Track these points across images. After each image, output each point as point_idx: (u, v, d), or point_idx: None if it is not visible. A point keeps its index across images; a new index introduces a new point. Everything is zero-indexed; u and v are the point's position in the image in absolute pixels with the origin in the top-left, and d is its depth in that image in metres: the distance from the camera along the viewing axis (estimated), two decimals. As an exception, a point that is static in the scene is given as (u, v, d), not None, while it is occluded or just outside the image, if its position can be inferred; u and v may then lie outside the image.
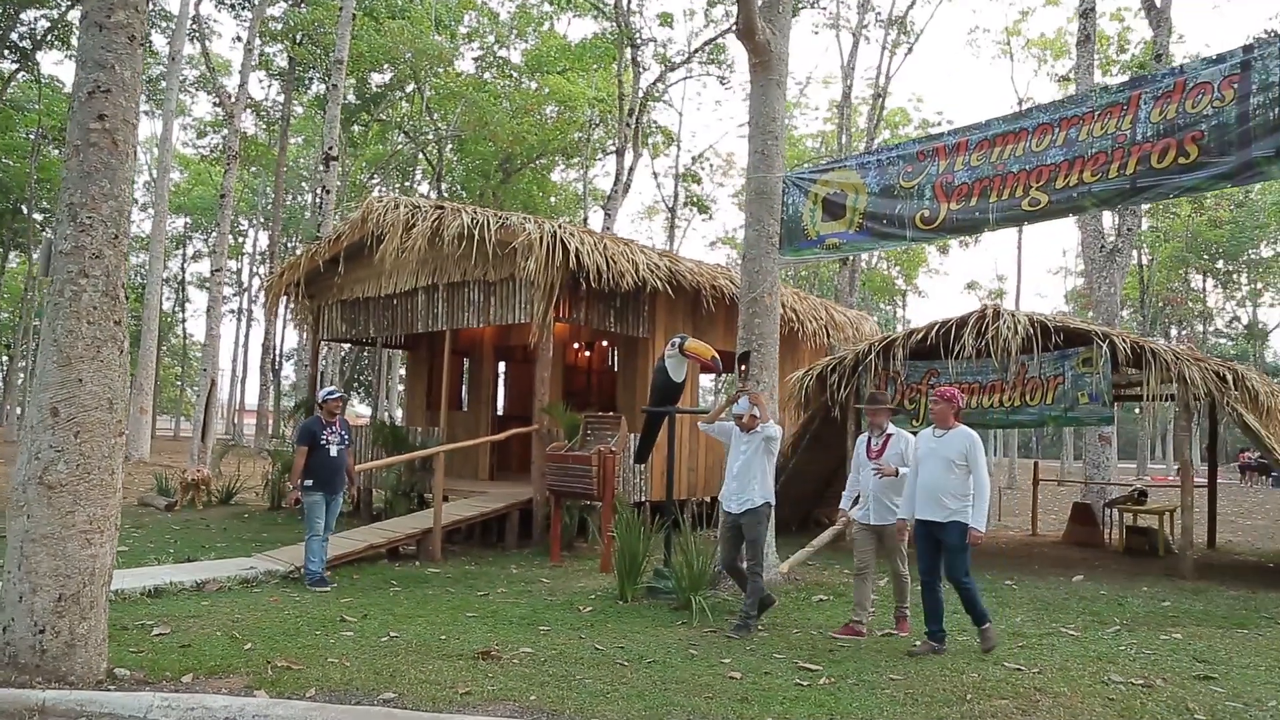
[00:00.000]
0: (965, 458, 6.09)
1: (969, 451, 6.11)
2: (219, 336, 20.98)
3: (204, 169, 43.81)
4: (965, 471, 6.09)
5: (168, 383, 56.04)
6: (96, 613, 4.76)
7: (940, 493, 6.13)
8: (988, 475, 6.16)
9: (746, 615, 6.73)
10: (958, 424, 6.29)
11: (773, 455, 7.00)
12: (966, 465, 6.08)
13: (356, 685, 4.99)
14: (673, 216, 40.33)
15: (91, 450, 4.70)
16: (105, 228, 4.79)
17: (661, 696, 5.01)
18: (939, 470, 6.16)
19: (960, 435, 6.21)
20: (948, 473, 6.13)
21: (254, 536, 11.40)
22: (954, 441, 6.18)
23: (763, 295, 8.74)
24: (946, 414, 6.30)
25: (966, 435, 6.20)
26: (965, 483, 6.10)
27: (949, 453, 6.16)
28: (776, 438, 7.02)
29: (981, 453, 6.15)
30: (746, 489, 6.88)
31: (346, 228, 13.00)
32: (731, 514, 6.98)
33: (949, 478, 6.12)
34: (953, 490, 6.10)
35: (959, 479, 6.10)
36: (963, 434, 6.21)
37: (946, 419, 6.30)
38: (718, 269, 13.25)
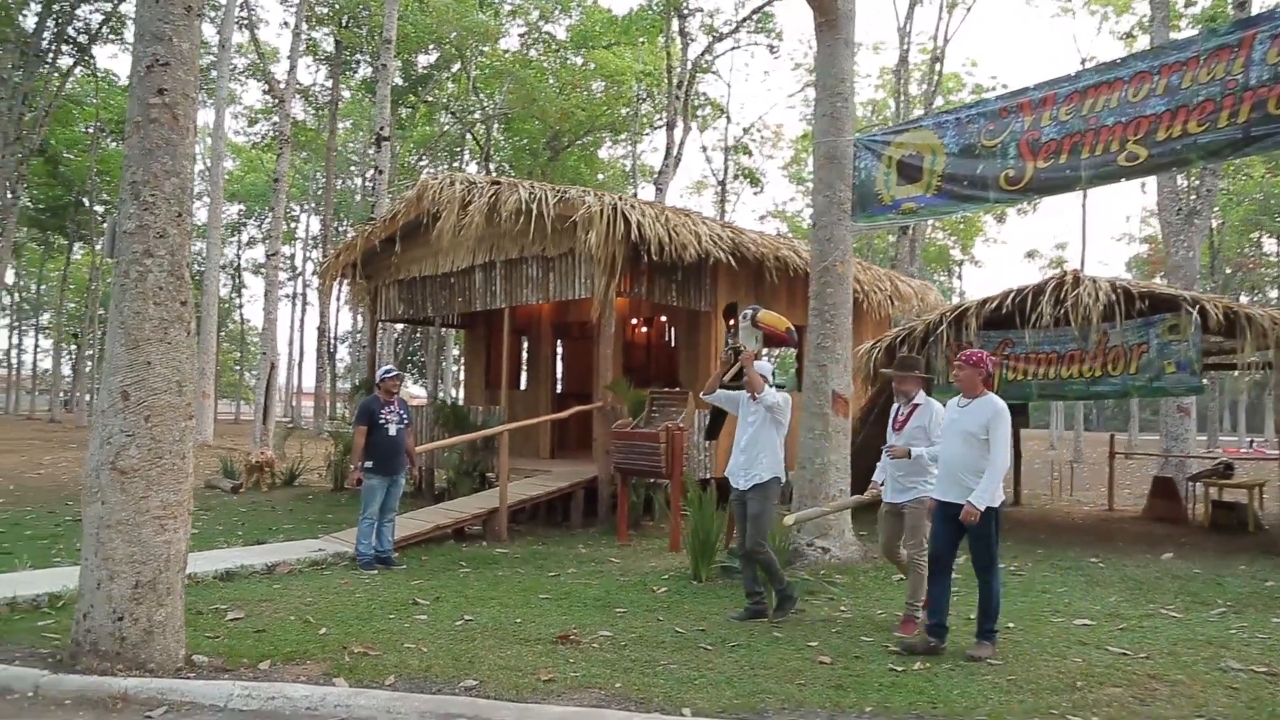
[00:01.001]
0: (987, 429, 5.38)
1: (990, 423, 5.38)
2: (276, 320, 21.13)
3: (256, 156, 44.27)
4: (988, 446, 5.40)
5: (226, 367, 57.03)
6: (173, 599, 4.67)
7: (959, 470, 5.47)
8: (1007, 452, 5.40)
9: (780, 592, 6.39)
10: (985, 392, 5.56)
11: (781, 426, 6.44)
12: (989, 439, 5.39)
13: (435, 672, 4.85)
14: (723, 190, 39.83)
15: (162, 434, 4.59)
16: (169, 205, 4.65)
17: (751, 683, 4.80)
18: (958, 444, 5.50)
19: (984, 405, 5.47)
20: (967, 447, 5.44)
21: (319, 518, 11.40)
22: (976, 412, 5.47)
23: (834, 264, 8.41)
24: (973, 380, 5.56)
25: (990, 405, 5.44)
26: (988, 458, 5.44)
27: (970, 424, 5.45)
28: (780, 405, 6.40)
29: (1004, 425, 5.40)
30: (754, 463, 6.39)
31: (402, 207, 12.88)
32: (739, 490, 6.50)
33: (969, 453, 5.43)
34: (974, 467, 5.41)
35: (980, 454, 5.41)
36: (987, 403, 5.47)
37: (973, 386, 5.56)
38: (780, 240, 12.92)
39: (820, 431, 8.40)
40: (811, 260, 8.71)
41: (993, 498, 5.37)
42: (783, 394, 6.50)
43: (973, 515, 5.27)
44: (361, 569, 8.00)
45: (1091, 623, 6.24)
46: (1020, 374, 10.99)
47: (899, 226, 23.56)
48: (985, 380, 5.58)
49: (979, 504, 5.28)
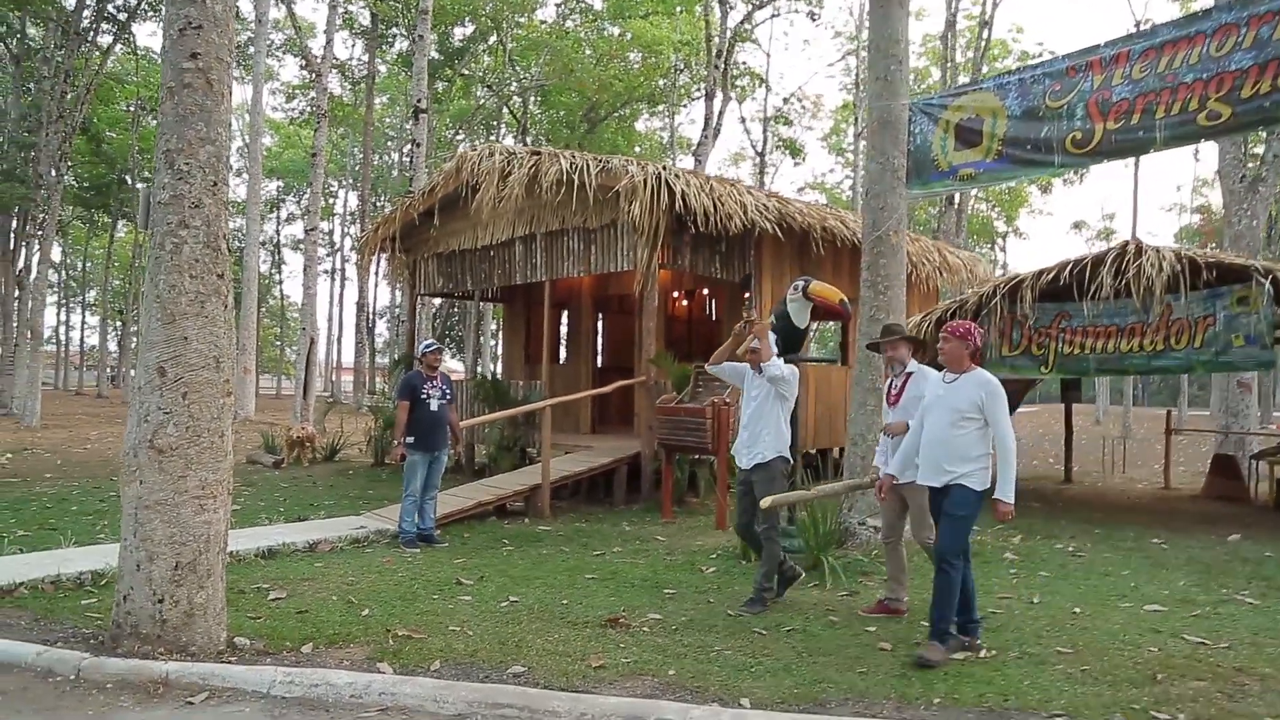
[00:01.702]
0: (979, 409, 4.89)
1: (985, 402, 4.88)
2: (315, 296, 21.13)
3: (294, 132, 44.41)
4: (976, 426, 4.91)
5: (267, 343, 57.60)
6: (214, 581, 4.54)
7: (943, 453, 4.99)
8: (1011, 432, 4.90)
9: (760, 588, 5.90)
10: (973, 366, 5.08)
11: (786, 400, 6.03)
12: (979, 418, 4.89)
13: (482, 657, 4.69)
14: (762, 161, 39.27)
15: (200, 411, 4.44)
16: (204, 174, 4.48)
17: (810, 671, 4.59)
18: (943, 424, 5.00)
19: (973, 381, 4.98)
20: (953, 428, 4.95)
21: (360, 493, 11.34)
22: (965, 388, 4.97)
23: (888, 234, 8.08)
24: (959, 354, 5.07)
25: (982, 382, 4.96)
26: (976, 441, 4.92)
27: (958, 402, 4.97)
28: (785, 378, 5.96)
29: (1002, 404, 4.91)
30: (757, 440, 6.00)
31: (441, 179, 12.70)
32: (743, 470, 6.12)
33: (954, 434, 4.94)
34: (958, 450, 4.92)
35: (967, 436, 4.92)
36: (976, 380, 4.98)
37: (959, 360, 5.07)
38: (827, 210, 12.56)
39: (873, 407, 8.11)
40: (863, 230, 8.39)
41: (985, 482, 4.94)
42: (789, 366, 6.08)
43: (1008, 514, 4.87)
44: (404, 547, 7.89)
45: (1162, 609, 5.95)
46: (1077, 348, 10.61)
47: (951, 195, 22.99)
48: (973, 354, 5.11)
49: (1008, 498, 4.85)
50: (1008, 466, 4.85)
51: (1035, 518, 9.89)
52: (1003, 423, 4.88)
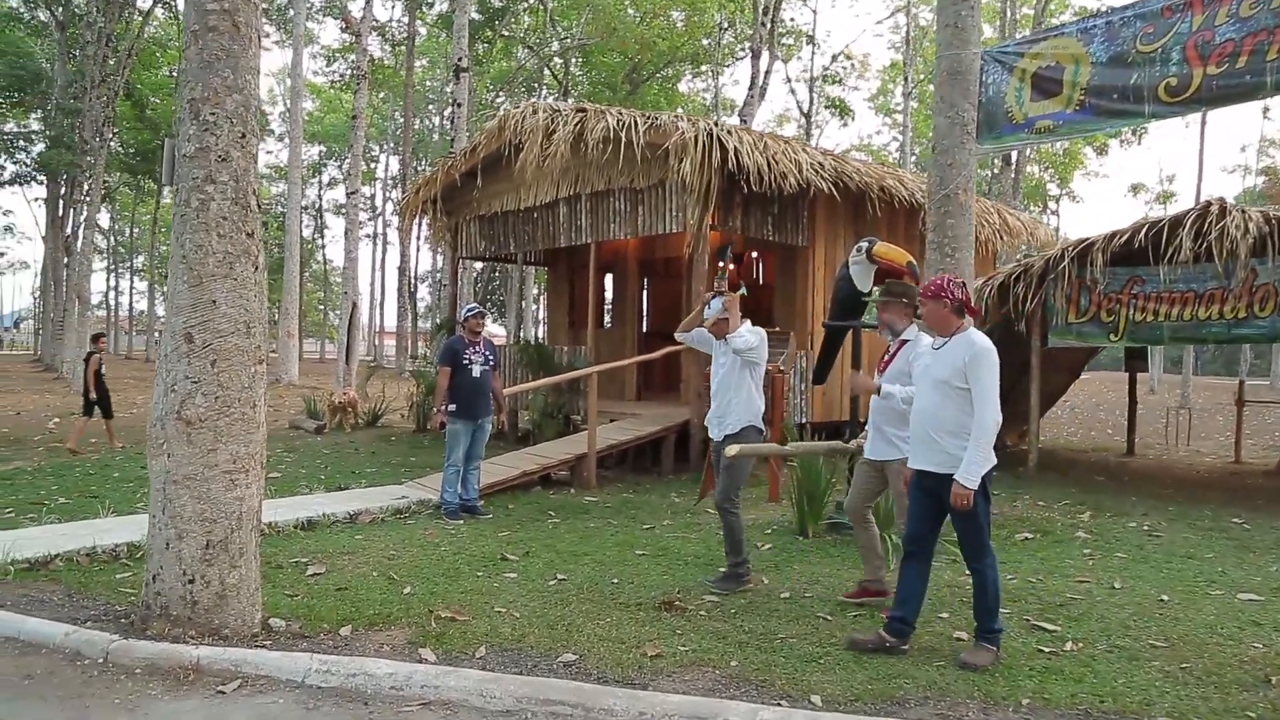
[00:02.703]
0: (965, 376, 4.23)
1: (969, 366, 4.21)
2: (357, 260, 20.96)
3: (334, 96, 44.24)
4: (967, 398, 4.25)
5: (311, 307, 58.00)
6: (247, 560, 4.28)
7: (932, 430, 4.35)
8: (995, 406, 4.20)
9: (733, 564, 5.54)
10: (964, 326, 4.38)
11: (755, 369, 5.66)
12: (968, 387, 4.22)
13: (530, 642, 4.40)
14: (808, 123, 38.38)
15: (230, 380, 4.15)
16: (231, 125, 4.16)
17: (882, 663, 4.23)
18: (931, 396, 4.39)
19: (959, 345, 4.30)
20: (942, 400, 4.31)
21: (402, 460, 11.14)
22: (950, 354, 4.32)
23: (957, 192, 7.59)
24: (942, 316, 4.37)
25: (968, 344, 4.26)
26: (968, 416, 4.25)
27: (942, 370, 4.32)
28: (752, 348, 5.56)
29: (987, 369, 4.20)
30: (727, 411, 5.65)
31: (483, 138, 12.33)
32: (715, 442, 5.80)
33: (944, 407, 4.30)
34: (950, 426, 4.29)
35: (958, 409, 4.26)
36: (963, 343, 4.29)
37: (944, 322, 4.37)
38: (885, 169, 12.01)
39: (936, 377, 7.68)
40: (929, 188, 7.90)
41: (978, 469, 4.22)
42: (756, 334, 5.66)
43: (964, 498, 4.18)
44: (446, 518, 7.64)
45: (1258, 598, 5.48)
46: (1150, 315, 10.04)
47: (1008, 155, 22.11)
48: (959, 310, 4.38)
49: (969, 483, 4.16)
50: (977, 445, 4.15)
51: (1102, 493, 9.41)
52: (986, 391, 4.19)
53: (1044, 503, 8.65)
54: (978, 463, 4.17)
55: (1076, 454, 13.50)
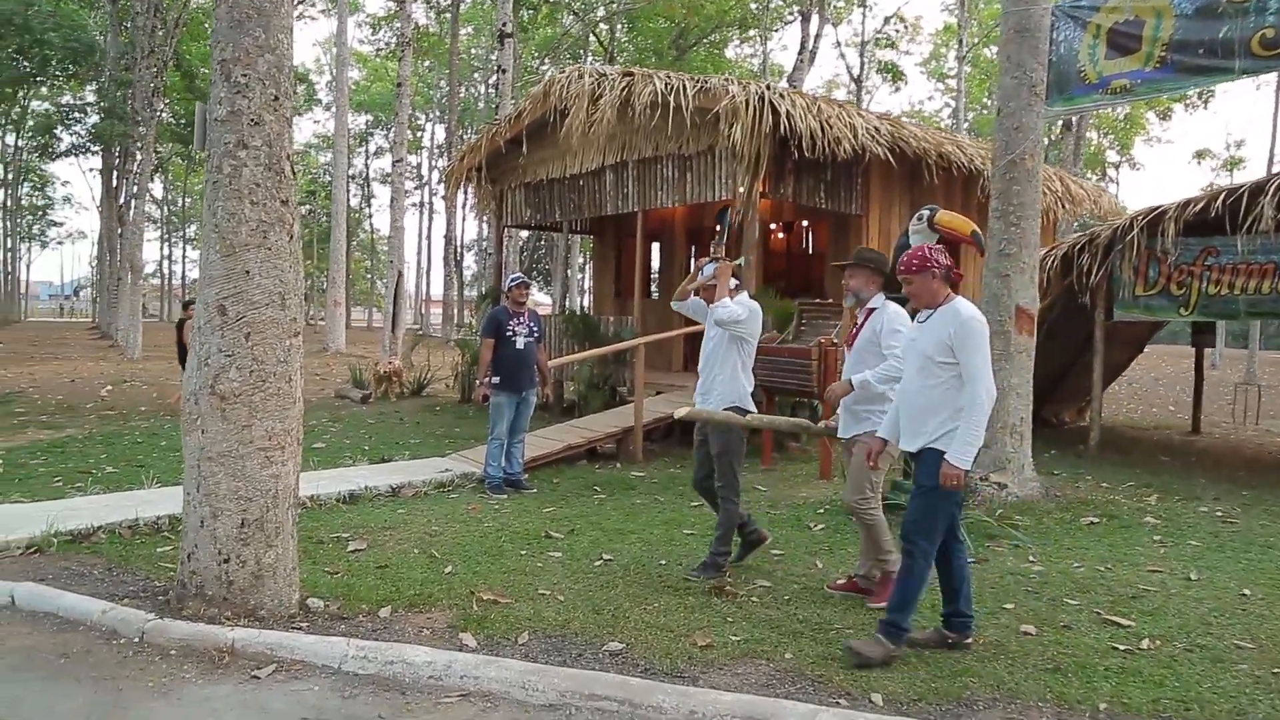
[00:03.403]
0: (950, 350, 3.92)
1: (955, 339, 3.89)
2: (403, 229, 20.89)
3: (380, 65, 44.19)
4: (951, 374, 3.93)
5: (359, 276, 58.48)
6: (283, 539, 4.15)
7: (916, 408, 4.05)
8: (988, 380, 3.89)
9: (715, 552, 5.19)
10: (952, 297, 4.04)
11: (744, 343, 5.26)
12: (952, 363, 3.92)
13: (575, 628, 4.22)
14: (858, 88, 37.53)
15: (265, 354, 4.00)
16: (263, 87, 3.97)
17: (946, 659, 3.98)
18: (914, 373, 4.08)
19: (945, 316, 3.97)
20: (925, 377, 4.00)
21: (446, 431, 11.06)
22: (934, 327, 4.00)
23: (1023, 157, 7.21)
24: (928, 288, 4.02)
25: (953, 316, 3.94)
26: (953, 393, 3.93)
27: (926, 344, 4.01)
28: (738, 320, 5.15)
29: (977, 341, 3.89)
30: (711, 388, 5.29)
31: (528, 104, 12.08)
32: None
33: (927, 385, 3.99)
34: (934, 403, 3.97)
35: (943, 386, 3.95)
36: (949, 314, 3.96)
37: (931, 294, 4.03)
38: (943, 135, 11.56)
39: (1000, 352, 7.32)
40: (994, 153, 7.52)
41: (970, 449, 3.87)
42: (745, 306, 5.25)
43: (954, 478, 3.84)
44: (490, 492, 7.51)
45: (1353, 591, 5.13)
46: (1225, 288, 9.54)
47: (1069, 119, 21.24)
48: (947, 277, 4.05)
49: (960, 462, 3.83)
50: (970, 423, 3.83)
51: (1169, 474, 9.00)
52: (976, 365, 3.87)
53: (1108, 484, 8.28)
54: (970, 442, 3.84)
55: (1138, 432, 13.02)
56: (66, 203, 52.80)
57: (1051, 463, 8.97)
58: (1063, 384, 12.80)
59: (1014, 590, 5.05)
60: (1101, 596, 4.96)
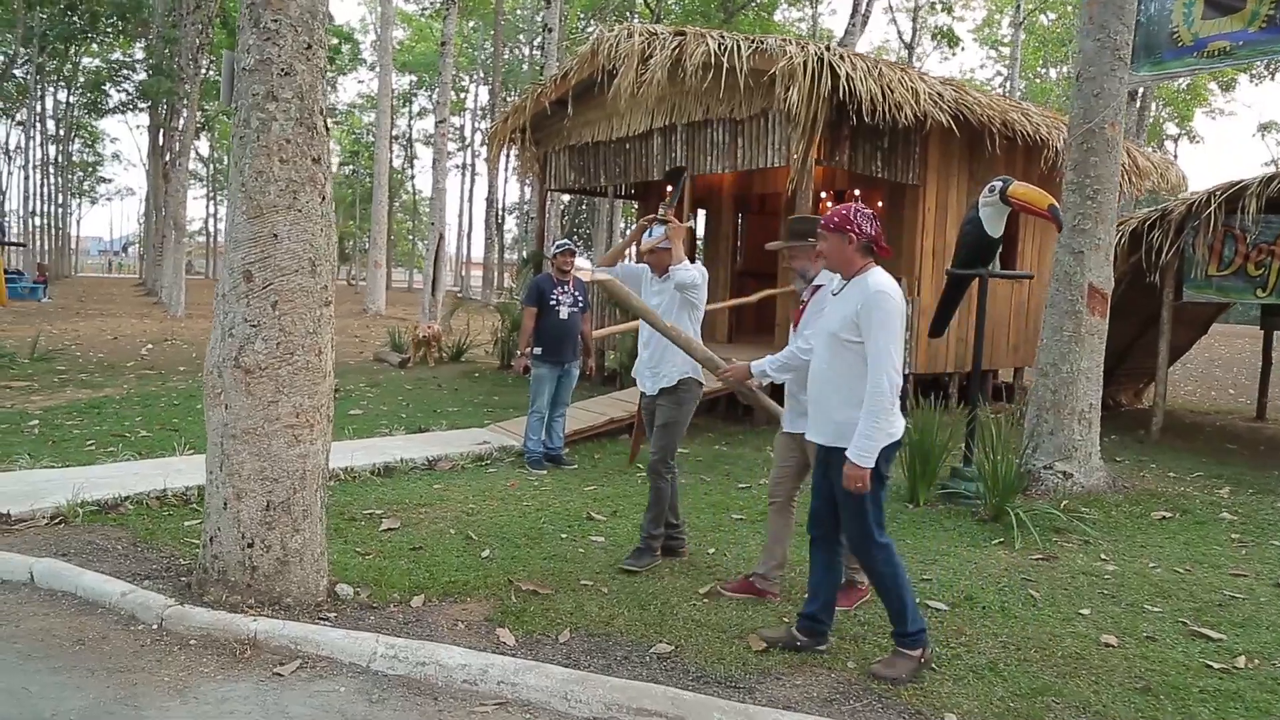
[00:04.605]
0: (856, 328, 3.44)
1: (860, 315, 3.42)
2: (445, 190, 20.63)
3: (425, 25, 43.79)
4: (859, 356, 3.45)
5: (401, 237, 58.50)
6: (311, 523, 3.89)
7: (820, 393, 3.62)
8: (892, 363, 3.39)
9: (647, 535, 4.83)
10: (868, 267, 3.55)
11: (695, 312, 4.88)
12: (860, 343, 3.44)
13: (619, 626, 3.94)
14: (910, 54, 36.53)
15: (293, 325, 3.72)
16: (295, 34, 3.65)
17: (1022, 673, 3.63)
18: (822, 350, 3.64)
19: (854, 290, 3.51)
20: (832, 356, 3.56)
21: (485, 399, 10.82)
22: (843, 301, 3.55)
23: (1103, 126, 6.72)
24: (840, 251, 3.54)
25: (862, 289, 3.47)
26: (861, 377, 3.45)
27: (833, 321, 3.57)
28: (696, 285, 4.81)
29: (885, 317, 3.39)
30: (662, 360, 4.85)
31: (575, 64, 11.67)
32: (647, 395, 5.02)
33: (834, 366, 3.54)
34: (839, 389, 3.52)
35: (848, 369, 3.49)
36: (859, 286, 3.49)
37: (845, 261, 3.55)
38: (1009, 102, 10.99)
39: (1071, 333, 6.91)
40: (1071, 121, 7.03)
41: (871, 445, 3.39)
42: (698, 267, 4.89)
43: (857, 480, 3.40)
44: (530, 467, 7.25)
45: None
46: (1311, 268, 8.97)
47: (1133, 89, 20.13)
48: (867, 249, 3.56)
49: (861, 461, 3.38)
50: (870, 415, 3.37)
51: (1239, 465, 8.54)
52: (880, 346, 3.37)
53: (1175, 474, 7.85)
54: (871, 436, 3.38)
55: (1200, 416, 12.46)
56: (115, 159, 53.31)
57: (1112, 449, 8.52)
58: (1123, 364, 12.27)
59: (1088, 593, 4.69)
60: (1185, 603, 4.58)
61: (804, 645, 3.74)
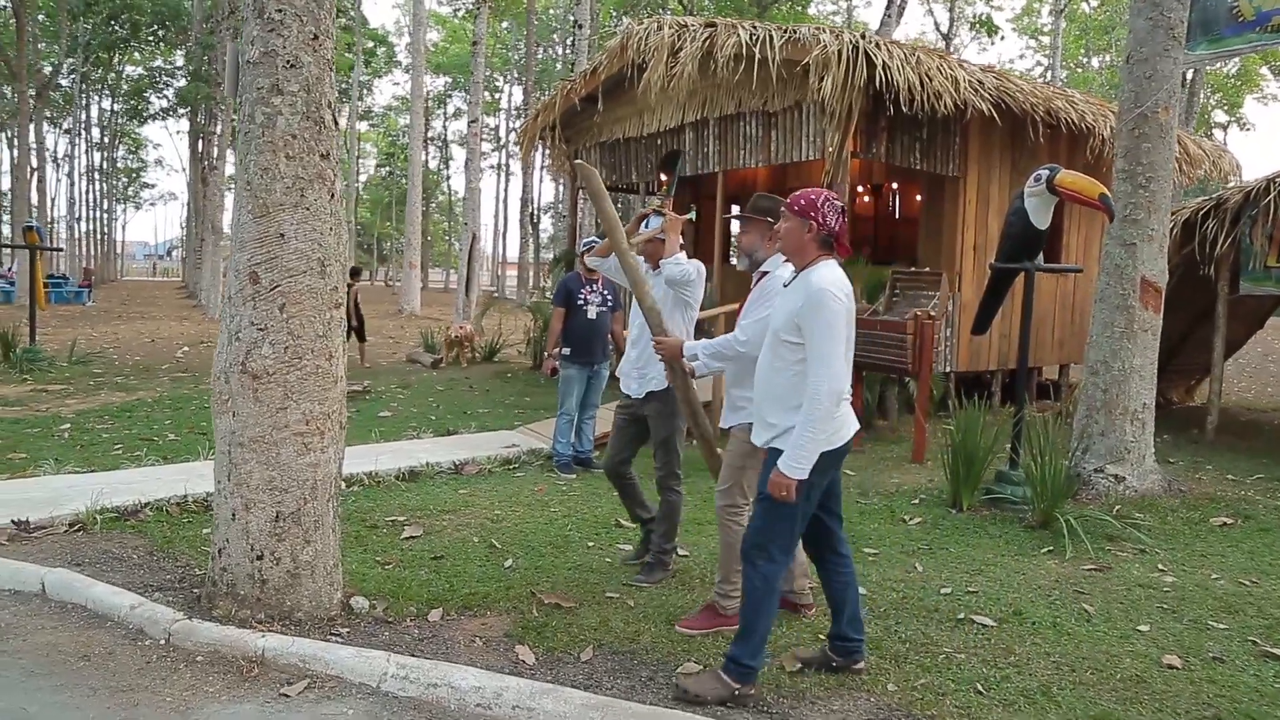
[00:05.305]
0: (798, 328, 3.17)
1: (801, 314, 3.15)
2: (479, 190, 20.55)
3: (459, 26, 43.90)
4: (798, 358, 3.19)
5: (437, 238, 58.78)
6: (323, 534, 3.73)
7: (763, 394, 3.35)
8: (834, 366, 3.10)
9: (660, 550, 4.58)
10: (821, 260, 3.25)
11: (688, 310, 4.57)
12: (801, 344, 3.18)
13: (645, 642, 3.73)
14: (947, 44, 35.89)
15: (301, 328, 3.56)
16: (301, 24, 3.49)
17: (1077, 697, 3.37)
18: (765, 349, 3.38)
19: (800, 286, 3.22)
20: (773, 357, 3.31)
21: (516, 400, 10.67)
22: (789, 297, 3.27)
23: (1156, 110, 6.39)
24: (796, 237, 3.27)
25: (805, 287, 3.18)
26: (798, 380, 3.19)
27: (777, 317, 3.32)
28: (690, 281, 4.51)
29: (828, 318, 3.10)
30: (650, 361, 4.47)
31: (605, 58, 11.48)
32: (631, 398, 4.70)
33: (774, 366, 3.30)
34: (779, 392, 3.27)
35: (789, 372, 3.24)
36: (804, 284, 3.20)
37: (799, 249, 3.28)
38: (1053, 89, 10.62)
39: (1122, 329, 6.59)
40: (1121, 106, 6.70)
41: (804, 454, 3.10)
42: (693, 263, 4.58)
43: (783, 489, 3.12)
44: (558, 471, 7.07)
45: None
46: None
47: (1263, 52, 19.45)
48: (826, 242, 3.25)
49: (791, 471, 3.10)
50: (807, 423, 3.08)
51: (1309, 464, 8.13)
52: (821, 348, 3.09)
53: (1234, 476, 7.48)
54: (805, 446, 3.09)
55: (1256, 414, 11.98)
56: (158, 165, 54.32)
57: (1165, 450, 8.16)
58: (1173, 360, 11.83)
59: (1147, 607, 4.40)
60: (1253, 619, 4.28)
61: (839, 665, 3.50)
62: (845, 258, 3.38)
